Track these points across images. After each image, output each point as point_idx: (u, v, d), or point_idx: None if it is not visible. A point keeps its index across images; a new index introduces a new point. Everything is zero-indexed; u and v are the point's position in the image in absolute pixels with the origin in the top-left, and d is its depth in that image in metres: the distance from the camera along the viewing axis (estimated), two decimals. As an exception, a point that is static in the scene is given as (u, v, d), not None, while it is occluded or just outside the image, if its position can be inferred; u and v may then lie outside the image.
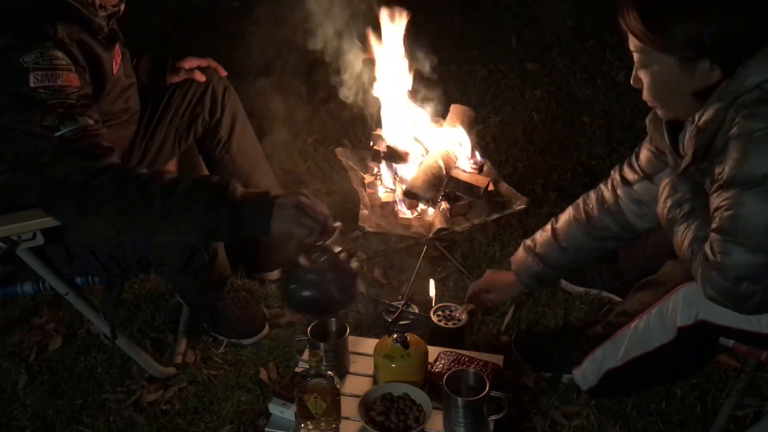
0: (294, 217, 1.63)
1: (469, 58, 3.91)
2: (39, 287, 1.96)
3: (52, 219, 1.74)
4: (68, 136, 1.62)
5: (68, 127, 1.62)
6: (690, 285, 1.58)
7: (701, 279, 1.47)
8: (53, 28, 1.65)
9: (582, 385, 1.89)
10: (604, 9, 4.27)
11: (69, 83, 1.65)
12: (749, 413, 1.93)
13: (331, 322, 2.03)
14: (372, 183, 2.38)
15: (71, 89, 1.65)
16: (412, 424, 1.78)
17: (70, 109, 1.64)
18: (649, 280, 1.78)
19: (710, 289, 1.45)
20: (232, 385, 2.10)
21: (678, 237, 1.57)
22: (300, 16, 2.53)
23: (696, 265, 1.49)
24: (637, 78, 1.59)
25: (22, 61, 1.60)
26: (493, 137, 3.21)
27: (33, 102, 1.61)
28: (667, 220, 1.62)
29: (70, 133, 1.62)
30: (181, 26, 4.42)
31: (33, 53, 1.60)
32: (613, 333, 1.78)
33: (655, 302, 1.68)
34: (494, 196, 2.29)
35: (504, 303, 2.32)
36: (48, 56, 1.62)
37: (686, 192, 1.60)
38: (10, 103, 1.62)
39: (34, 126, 1.60)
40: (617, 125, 3.28)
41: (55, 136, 1.61)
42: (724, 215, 1.43)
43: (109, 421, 2.02)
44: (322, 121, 3.40)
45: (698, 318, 1.59)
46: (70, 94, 1.65)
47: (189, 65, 2.18)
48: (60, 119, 1.62)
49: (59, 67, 1.64)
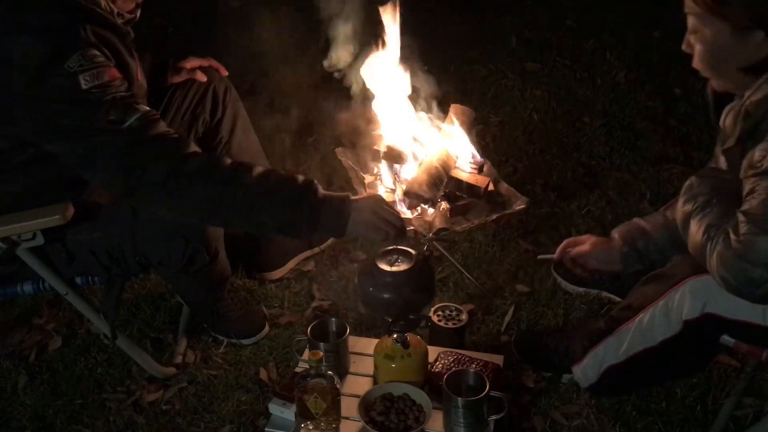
0: (370, 221, 1.71)
1: (469, 58, 3.91)
2: (39, 287, 1.96)
3: (54, 219, 1.76)
4: (136, 126, 1.67)
5: (132, 116, 1.67)
6: (698, 278, 1.58)
7: (717, 258, 1.45)
8: (85, 32, 1.67)
9: (582, 382, 1.89)
10: (604, 9, 4.28)
11: (113, 77, 1.70)
12: (749, 413, 1.93)
13: (331, 322, 2.04)
14: (372, 183, 2.38)
15: (118, 82, 1.70)
16: (412, 424, 1.78)
17: (125, 99, 1.69)
18: (656, 273, 1.77)
19: (724, 269, 1.43)
20: (232, 385, 2.10)
21: (693, 226, 1.55)
22: (300, 15, 2.54)
23: (712, 246, 1.47)
24: (689, 42, 1.56)
25: (67, 67, 1.62)
26: (493, 137, 3.21)
27: (91, 103, 1.65)
28: (683, 215, 1.61)
29: (137, 122, 1.67)
30: (181, 26, 4.42)
31: (75, 57, 1.63)
32: (616, 328, 1.78)
33: (662, 295, 1.68)
34: (494, 196, 2.28)
35: (504, 302, 2.32)
36: (89, 56, 1.65)
37: (705, 189, 1.59)
38: (67, 110, 1.66)
39: (101, 123, 1.65)
40: (617, 125, 3.28)
41: (124, 127, 1.66)
42: (755, 201, 1.42)
43: (109, 421, 2.02)
44: (322, 121, 3.40)
45: (705, 311, 1.59)
46: (118, 86, 1.70)
47: (190, 65, 2.18)
48: (123, 111, 1.67)
49: (101, 64, 1.68)
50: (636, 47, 3.92)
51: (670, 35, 4.03)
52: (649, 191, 2.82)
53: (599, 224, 2.65)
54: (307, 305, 2.39)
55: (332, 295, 2.42)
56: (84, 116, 1.66)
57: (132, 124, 1.67)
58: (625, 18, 4.22)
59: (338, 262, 2.55)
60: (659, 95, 3.50)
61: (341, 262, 2.55)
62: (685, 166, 2.96)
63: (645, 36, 4.03)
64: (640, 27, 4.12)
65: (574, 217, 2.70)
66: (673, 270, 1.72)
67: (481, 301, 2.34)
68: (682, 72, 3.68)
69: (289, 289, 2.46)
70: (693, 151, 3.08)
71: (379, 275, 1.80)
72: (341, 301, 2.39)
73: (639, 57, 3.83)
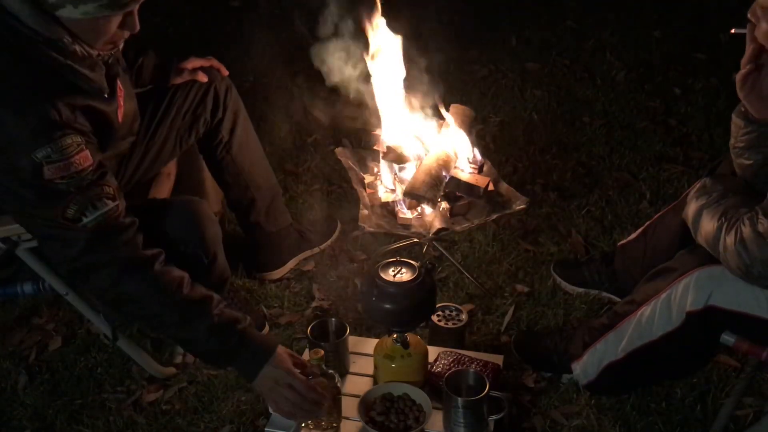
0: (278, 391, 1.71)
1: (469, 58, 3.91)
2: (39, 287, 1.95)
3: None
4: (92, 226, 1.63)
5: (91, 215, 1.62)
6: (704, 269, 1.60)
7: (735, 235, 1.49)
8: (57, 111, 1.57)
9: (581, 379, 1.89)
10: (604, 9, 4.28)
11: (83, 163, 1.60)
12: (749, 413, 1.93)
13: (331, 322, 2.04)
14: (372, 183, 2.38)
15: (87, 169, 1.61)
16: (412, 424, 1.78)
17: (88, 191, 1.62)
18: (662, 268, 1.78)
19: (742, 246, 1.48)
20: (232, 385, 2.10)
21: (705, 216, 1.60)
22: (299, 15, 2.54)
23: (729, 226, 1.51)
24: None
25: (34, 157, 1.54)
26: (493, 137, 3.21)
27: (51, 193, 1.59)
28: (696, 208, 1.63)
29: (93, 222, 1.63)
30: (181, 26, 4.42)
31: (43, 149, 1.54)
32: (618, 323, 1.79)
33: (665, 288, 1.69)
34: (494, 196, 2.28)
35: (504, 302, 2.33)
36: (59, 147, 1.56)
37: (719, 187, 1.61)
38: (30, 194, 1.60)
39: (57, 219, 1.61)
40: (617, 125, 3.28)
41: (79, 226, 1.62)
42: None
43: (109, 421, 2.02)
44: (322, 121, 3.40)
45: (709, 303, 1.60)
46: (86, 175, 1.62)
47: (192, 66, 2.17)
48: (84, 207, 1.61)
49: (71, 154, 1.58)
50: (636, 47, 3.92)
51: (670, 35, 4.04)
52: (649, 191, 2.82)
53: (599, 224, 2.65)
54: (307, 305, 2.39)
55: (332, 295, 2.42)
56: (40, 206, 1.61)
57: (88, 224, 1.62)
58: (625, 18, 4.22)
59: (338, 262, 2.55)
60: (659, 95, 3.50)
61: (341, 262, 2.55)
62: (685, 166, 2.96)
63: (645, 36, 4.03)
64: (640, 27, 4.12)
65: (574, 217, 2.70)
66: (678, 263, 1.73)
67: (481, 301, 2.34)
68: (682, 72, 3.69)
69: (289, 289, 2.46)
70: (693, 151, 3.09)
71: (382, 286, 1.80)
72: (341, 301, 2.39)
73: (639, 57, 3.83)
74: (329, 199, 2.88)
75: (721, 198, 1.60)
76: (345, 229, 2.68)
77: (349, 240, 2.65)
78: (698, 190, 1.66)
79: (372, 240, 2.60)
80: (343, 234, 2.66)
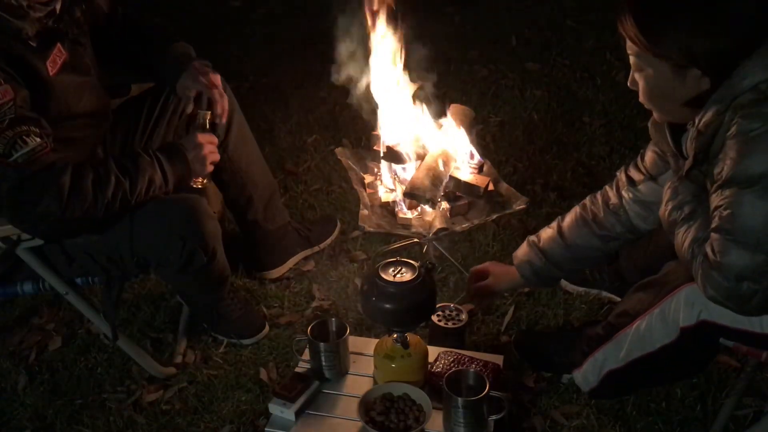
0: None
1: (469, 58, 3.91)
2: (39, 287, 1.96)
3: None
4: (22, 161, 1.65)
5: (19, 152, 1.64)
6: (692, 285, 1.58)
7: (702, 279, 1.47)
8: None
9: (583, 386, 1.89)
10: (604, 9, 4.27)
11: (4, 97, 1.64)
12: (749, 413, 1.93)
13: (331, 321, 2.04)
14: (372, 183, 2.38)
15: (8, 103, 1.65)
16: (412, 424, 1.78)
17: (15, 127, 1.64)
18: (650, 280, 1.78)
19: (711, 289, 1.45)
20: (232, 385, 2.10)
21: (678, 238, 1.58)
22: (299, 14, 2.54)
23: (696, 266, 1.49)
24: (634, 80, 1.62)
25: None
26: (493, 137, 3.22)
27: None
28: (669, 223, 1.63)
29: (24, 157, 1.65)
30: (181, 26, 4.42)
31: None
32: (614, 334, 1.78)
33: (657, 303, 1.68)
34: (494, 196, 2.28)
35: (504, 302, 2.32)
36: None
37: (687, 195, 1.61)
38: None
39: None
40: (617, 125, 3.28)
41: (10, 161, 1.64)
42: (723, 214, 1.43)
43: (109, 421, 2.02)
44: (322, 121, 3.40)
45: (700, 318, 1.60)
46: (6, 109, 1.64)
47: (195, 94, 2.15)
48: (10, 145, 1.63)
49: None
50: (636, 47, 3.91)
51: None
52: (649, 191, 2.82)
53: (599, 224, 2.64)
54: (307, 305, 2.39)
55: (332, 295, 2.42)
56: None
57: (18, 159, 1.65)
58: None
59: (338, 262, 2.55)
60: (659, 95, 3.50)
61: (341, 262, 2.55)
62: (685, 166, 2.96)
63: (645, 36, 4.02)
64: (640, 27, 4.11)
65: (574, 217, 2.70)
66: (667, 277, 1.73)
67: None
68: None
69: (289, 289, 2.46)
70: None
71: (382, 286, 1.80)
72: (341, 301, 2.39)
73: (639, 57, 3.83)
74: (329, 199, 2.88)
75: (691, 215, 1.57)
76: (345, 229, 2.68)
77: (348, 240, 2.65)
78: (670, 194, 1.64)
79: (372, 240, 2.61)
80: (342, 234, 2.66)
